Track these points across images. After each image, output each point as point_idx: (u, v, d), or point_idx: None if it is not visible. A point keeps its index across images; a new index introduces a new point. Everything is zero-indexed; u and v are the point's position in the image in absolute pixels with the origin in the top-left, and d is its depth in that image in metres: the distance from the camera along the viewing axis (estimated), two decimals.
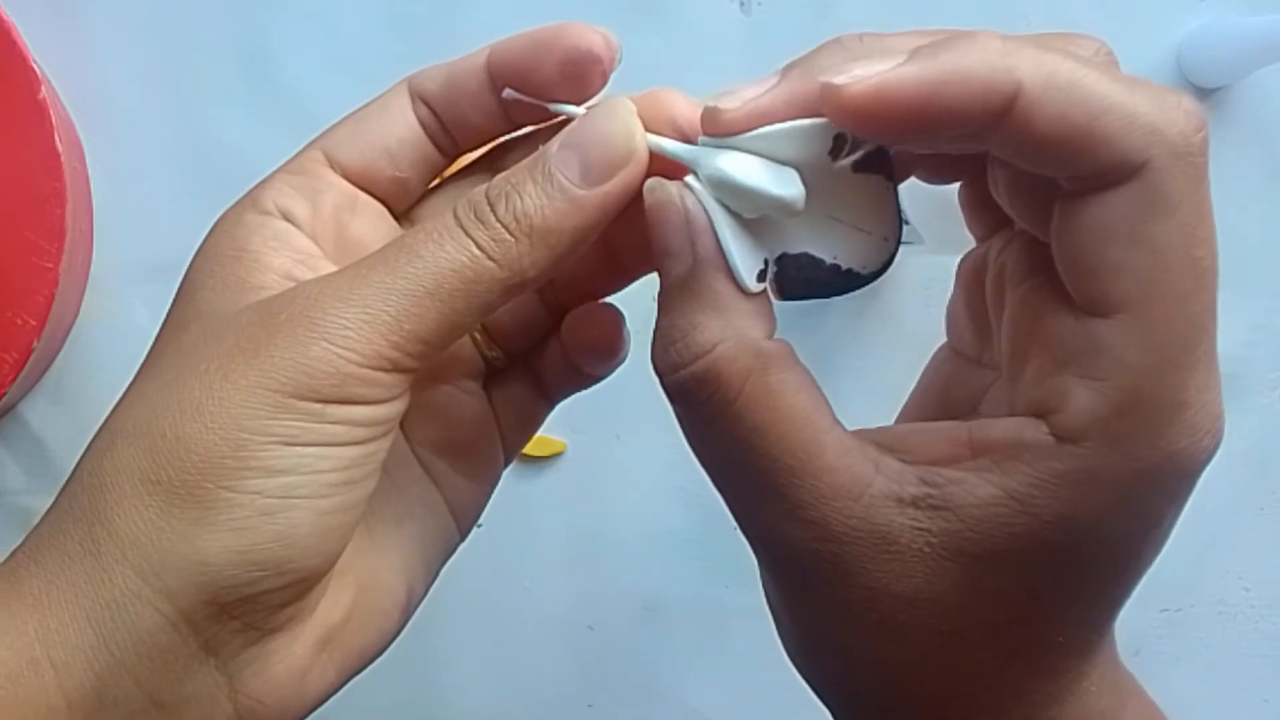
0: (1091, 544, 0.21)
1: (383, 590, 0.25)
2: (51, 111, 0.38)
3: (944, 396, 0.26)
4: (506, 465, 0.28)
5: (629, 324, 0.27)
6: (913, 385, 0.28)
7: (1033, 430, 0.21)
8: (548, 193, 0.22)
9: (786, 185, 0.21)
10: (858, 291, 0.23)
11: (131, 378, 0.23)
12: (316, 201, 0.24)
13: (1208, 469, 0.50)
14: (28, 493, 0.43)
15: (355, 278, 0.22)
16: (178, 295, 0.23)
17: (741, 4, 0.44)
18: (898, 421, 0.27)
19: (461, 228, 0.22)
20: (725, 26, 0.44)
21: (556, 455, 0.45)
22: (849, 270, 0.23)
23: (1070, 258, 0.21)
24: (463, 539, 0.28)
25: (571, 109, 0.23)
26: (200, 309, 0.23)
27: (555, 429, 0.44)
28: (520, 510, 0.45)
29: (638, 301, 0.27)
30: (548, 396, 0.28)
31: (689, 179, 0.22)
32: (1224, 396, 0.50)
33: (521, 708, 0.45)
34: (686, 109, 0.24)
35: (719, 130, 0.22)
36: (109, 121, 0.42)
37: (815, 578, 0.22)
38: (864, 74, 0.20)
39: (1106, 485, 0.21)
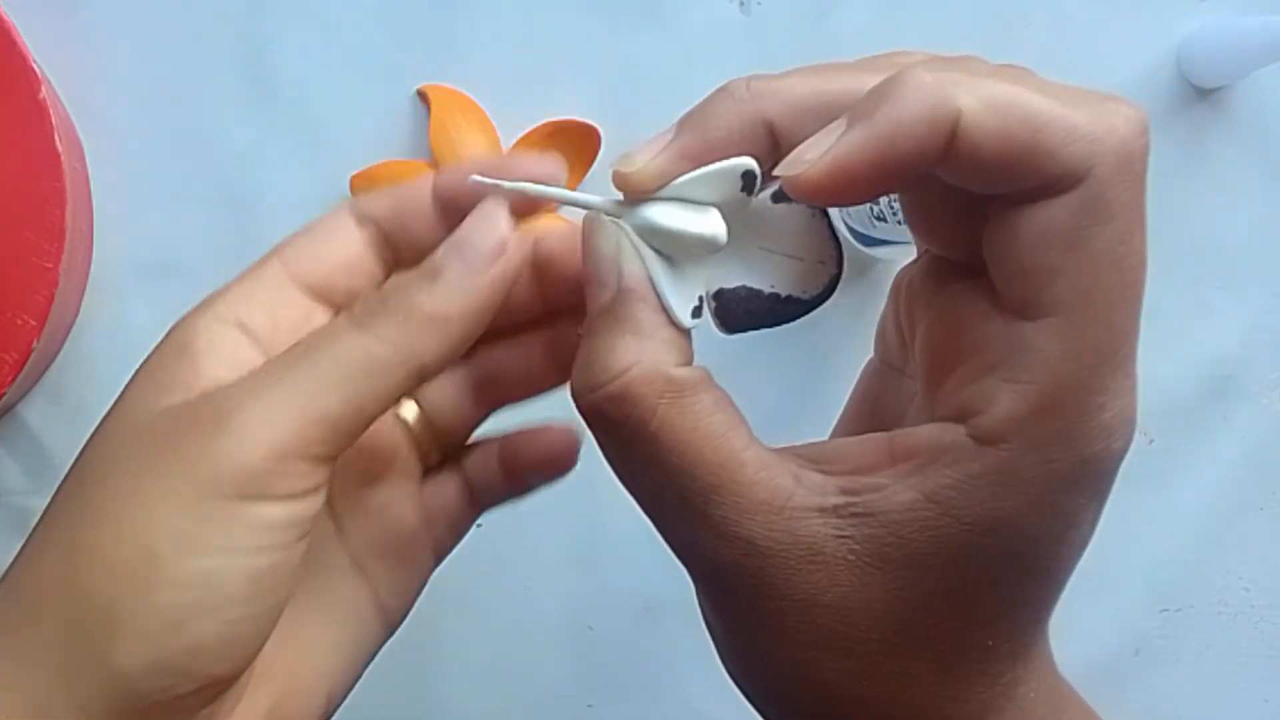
0: (1011, 543, 0.21)
1: (303, 694, 0.25)
2: (51, 111, 0.38)
3: (874, 410, 0.27)
4: (436, 566, 0.30)
5: None
6: None
7: (952, 434, 0.21)
8: (434, 283, 0.23)
9: (706, 224, 0.22)
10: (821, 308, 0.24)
11: (108, 405, 0.24)
12: (276, 314, 0.25)
13: (1207, 468, 0.50)
14: (28, 493, 0.43)
15: (263, 373, 0.22)
16: (120, 395, 0.24)
17: (741, 4, 0.44)
18: (831, 437, 0.27)
19: (356, 321, 0.23)
20: (725, 27, 0.44)
21: None
22: (789, 297, 0.24)
23: (1004, 263, 0.21)
24: (388, 637, 0.28)
25: (532, 188, 0.24)
26: (127, 410, 0.23)
27: None
28: (520, 510, 0.45)
29: None
30: (476, 504, 0.30)
31: (623, 221, 0.23)
32: (1224, 396, 0.50)
33: (521, 708, 0.45)
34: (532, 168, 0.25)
35: (630, 191, 0.23)
36: (109, 121, 0.43)
37: (744, 593, 0.22)
38: (815, 156, 0.21)
39: (1024, 485, 0.21)
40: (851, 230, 0.42)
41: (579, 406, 0.23)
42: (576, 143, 0.43)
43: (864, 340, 0.28)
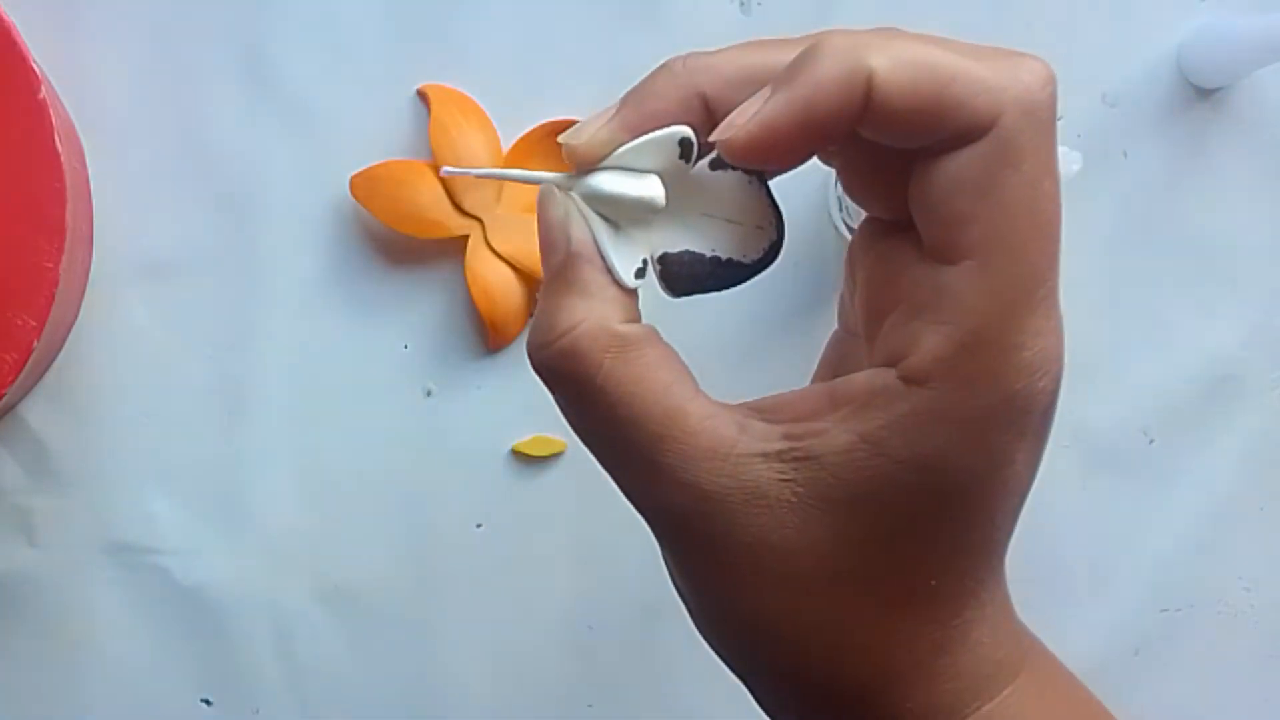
0: (942, 480, 0.22)
1: None
2: (51, 111, 0.38)
3: (833, 373, 0.28)
4: None
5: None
6: None
7: (883, 378, 0.23)
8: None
9: (645, 187, 0.24)
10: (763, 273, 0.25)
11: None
12: None
13: (1207, 468, 0.50)
14: (28, 493, 0.43)
15: None
16: None
17: (741, 4, 0.44)
18: None
19: None
20: (725, 27, 0.44)
21: (556, 455, 0.45)
22: (730, 260, 0.25)
23: (925, 210, 0.22)
24: None
25: (495, 172, 0.27)
26: None
27: (555, 429, 0.44)
28: (520, 510, 0.45)
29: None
30: None
31: (572, 192, 0.24)
32: (1224, 396, 0.50)
33: (521, 708, 0.45)
34: None
35: (577, 161, 0.24)
36: (109, 121, 0.42)
37: (697, 538, 0.24)
38: (743, 121, 0.22)
39: (951, 423, 0.22)
40: (849, 227, 0.42)
41: (533, 364, 0.24)
42: None
43: None
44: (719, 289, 0.25)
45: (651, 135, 0.23)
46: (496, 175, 0.26)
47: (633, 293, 0.24)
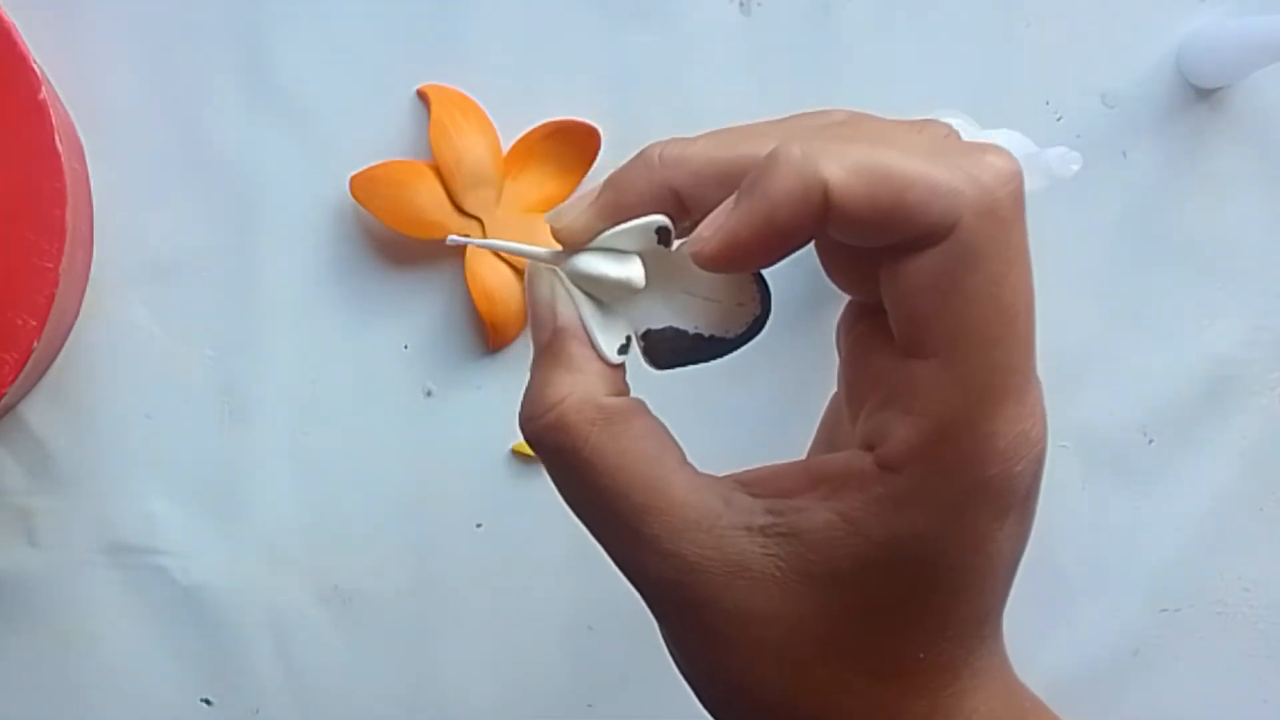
0: (919, 560, 0.23)
1: None
2: (51, 111, 0.38)
3: (830, 439, 0.29)
4: None
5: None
6: None
7: (860, 461, 0.23)
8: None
9: (626, 270, 0.25)
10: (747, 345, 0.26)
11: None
12: None
13: (1206, 468, 0.50)
14: (28, 493, 0.43)
15: None
16: None
17: (741, 4, 0.44)
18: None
19: None
20: (725, 27, 0.44)
21: None
22: (712, 337, 0.26)
23: (893, 305, 0.23)
24: None
25: (497, 244, 0.27)
26: None
27: None
28: (520, 510, 0.45)
29: None
30: None
31: (559, 269, 0.25)
32: (1224, 396, 0.50)
33: (521, 708, 0.45)
34: None
35: (563, 243, 0.25)
36: (109, 121, 0.43)
37: (685, 606, 0.24)
38: (710, 234, 0.23)
39: (926, 507, 0.22)
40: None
41: (524, 436, 0.25)
42: (576, 143, 0.43)
43: None
44: (702, 361, 0.26)
45: (631, 224, 0.24)
46: (495, 247, 0.27)
47: (618, 367, 0.25)
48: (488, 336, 0.44)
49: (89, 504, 0.43)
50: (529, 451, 0.44)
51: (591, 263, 0.25)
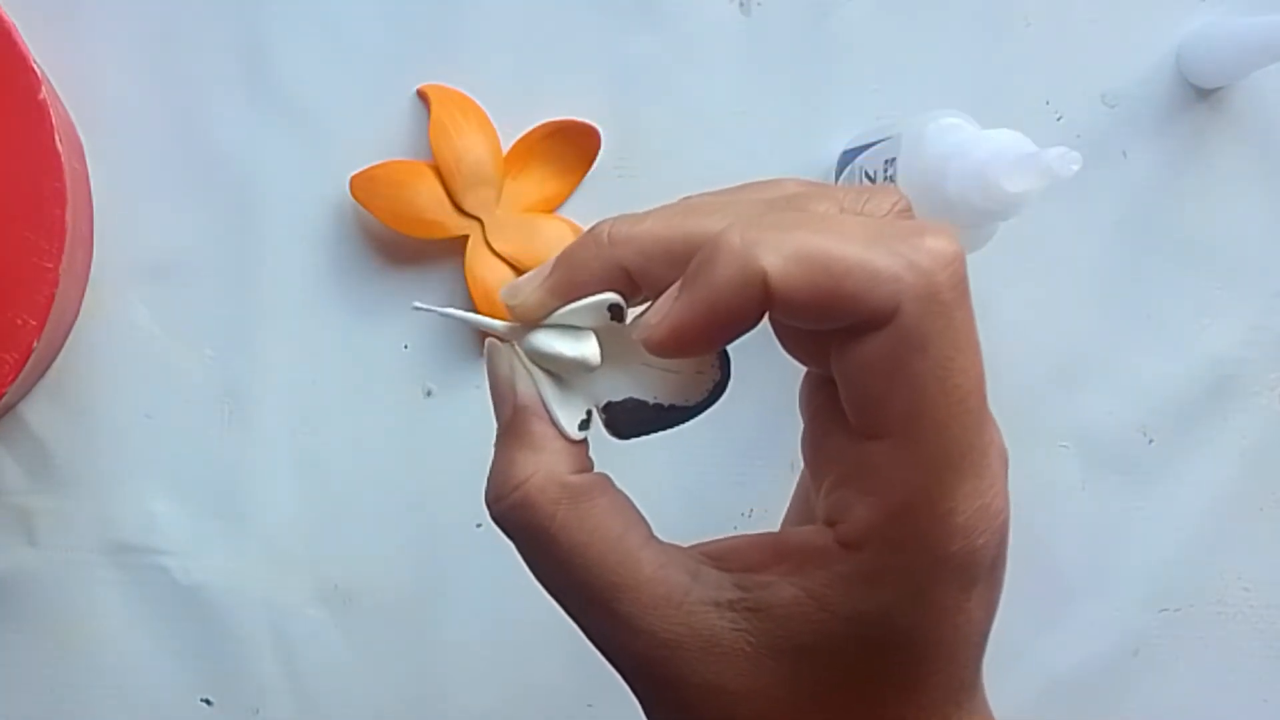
0: (886, 635, 0.23)
1: None
2: (51, 111, 0.38)
3: (800, 511, 0.28)
4: None
5: None
6: None
7: (822, 537, 0.23)
8: None
9: (581, 348, 0.25)
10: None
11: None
12: None
13: (1206, 468, 0.50)
14: (28, 493, 0.43)
15: None
16: None
17: (741, 4, 0.44)
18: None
19: None
20: (724, 27, 0.44)
21: None
22: (672, 406, 0.26)
23: (843, 386, 0.23)
24: None
25: (459, 314, 0.26)
26: None
27: None
28: None
29: None
30: None
31: (516, 345, 0.26)
32: (1224, 396, 0.50)
33: (521, 708, 0.45)
34: None
35: (519, 319, 0.25)
36: (109, 121, 0.43)
37: (659, 681, 0.24)
38: (656, 322, 0.23)
39: (888, 584, 0.22)
40: None
41: (491, 515, 0.25)
42: (576, 143, 0.43)
43: None
44: (664, 429, 0.26)
45: (583, 302, 0.24)
46: (457, 317, 0.27)
47: (581, 443, 0.25)
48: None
49: (89, 504, 0.43)
50: None
51: (547, 341, 0.25)
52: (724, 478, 0.45)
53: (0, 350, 0.38)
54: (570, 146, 0.43)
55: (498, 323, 0.26)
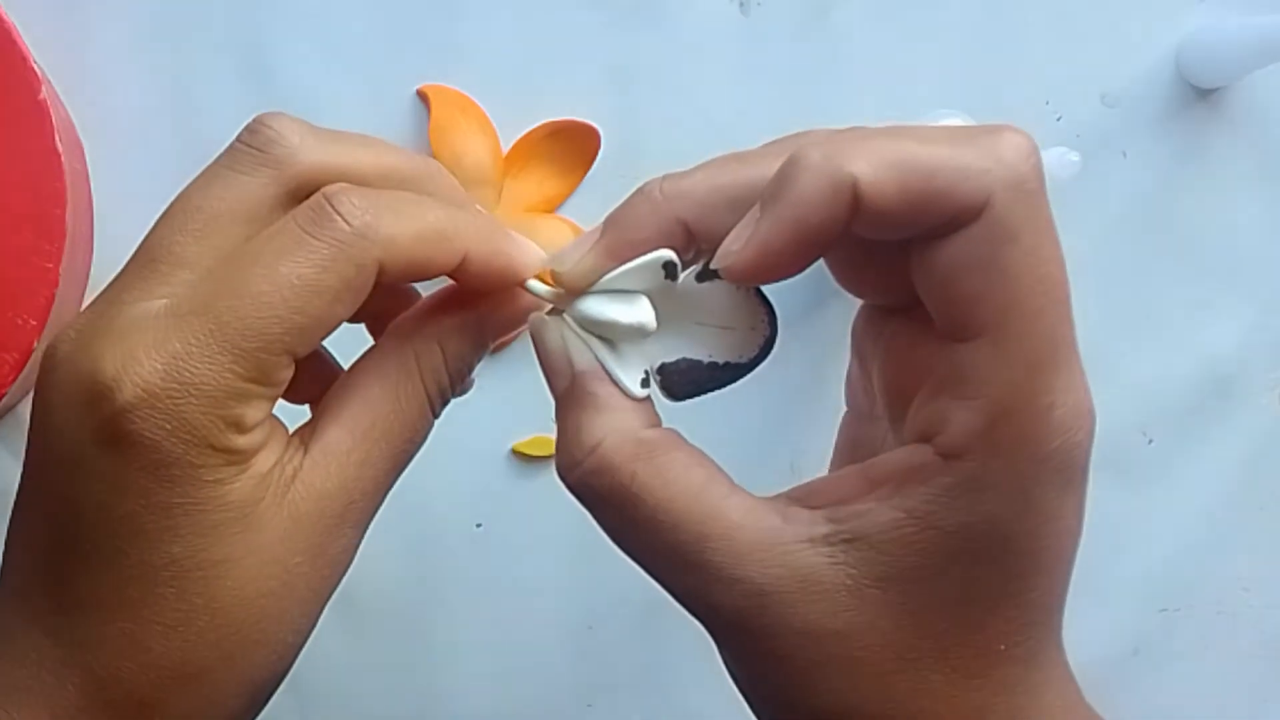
0: (995, 545, 0.22)
1: None
2: (51, 112, 0.38)
3: (853, 456, 0.28)
4: None
5: None
6: None
7: (920, 454, 0.23)
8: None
9: (636, 313, 0.24)
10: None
11: None
12: None
13: (1207, 468, 0.50)
14: None
15: None
16: None
17: (741, 4, 0.44)
18: None
19: None
20: (724, 27, 0.44)
21: None
22: (727, 364, 0.26)
23: (932, 293, 0.23)
24: None
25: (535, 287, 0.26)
26: None
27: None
28: (520, 510, 0.45)
29: None
30: None
31: (565, 314, 0.25)
32: (1224, 396, 0.50)
33: (521, 708, 0.45)
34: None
35: (567, 287, 0.25)
36: (109, 121, 0.43)
37: (755, 633, 0.23)
38: (740, 247, 0.23)
39: (995, 488, 0.22)
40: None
41: (567, 486, 0.25)
42: (576, 143, 0.43)
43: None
44: (718, 388, 0.26)
45: (637, 262, 0.24)
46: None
47: (646, 400, 0.25)
48: None
49: None
50: (529, 451, 0.44)
51: (600, 308, 0.24)
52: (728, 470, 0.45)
53: (0, 350, 0.38)
54: (570, 146, 0.43)
55: (543, 288, 0.25)
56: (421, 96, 0.43)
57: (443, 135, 0.42)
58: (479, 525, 0.45)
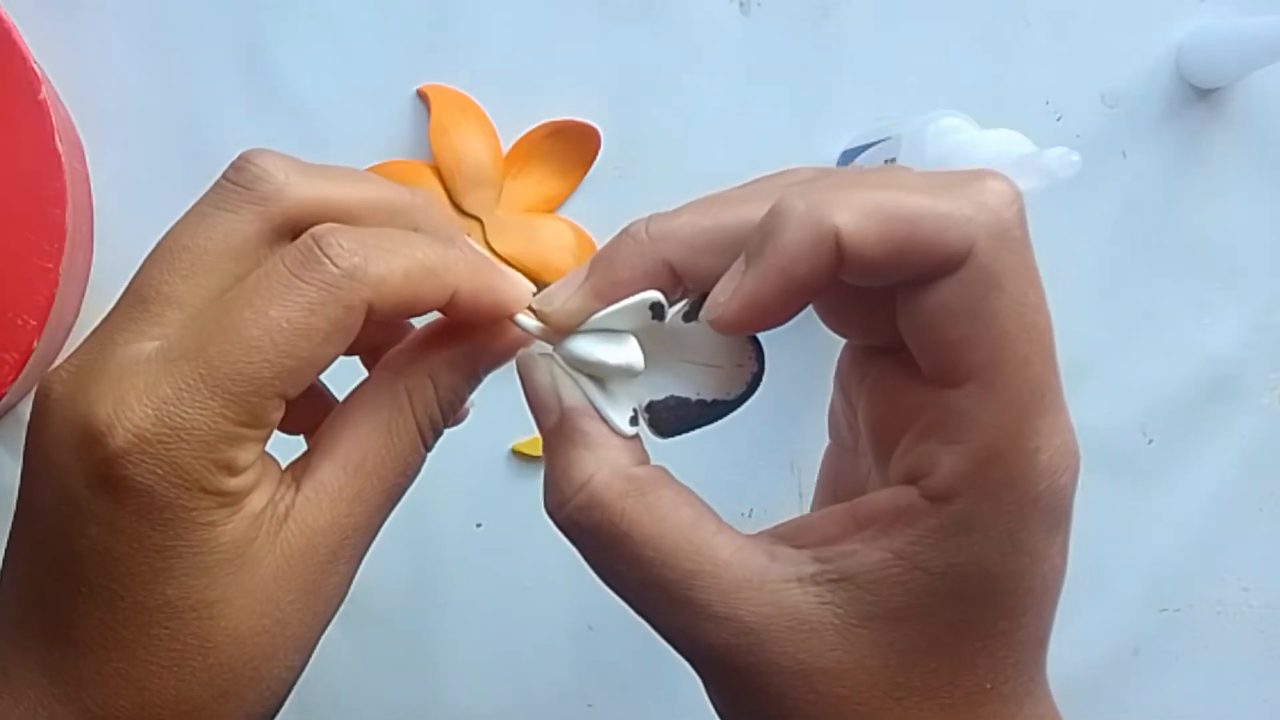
0: (981, 586, 0.23)
1: None
2: (51, 111, 0.38)
3: (835, 490, 0.28)
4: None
5: None
6: None
7: (907, 496, 0.23)
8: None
9: (624, 354, 0.24)
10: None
11: None
12: None
13: (1207, 468, 0.50)
14: None
15: None
16: None
17: (741, 4, 0.44)
18: None
19: None
20: (724, 27, 0.44)
21: None
22: (715, 401, 0.26)
23: (918, 338, 0.23)
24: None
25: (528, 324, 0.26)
26: None
27: None
28: (520, 510, 0.45)
29: None
30: None
31: (553, 350, 0.25)
32: (1224, 396, 0.50)
33: (521, 708, 0.45)
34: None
35: (555, 328, 0.25)
36: (109, 121, 0.43)
37: (743, 672, 0.23)
38: (726, 299, 0.23)
39: (982, 531, 0.22)
40: None
41: (556, 523, 0.25)
42: (576, 143, 0.43)
43: None
44: (706, 425, 0.26)
45: (625, 303, 0.24)
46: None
47: (635, 438, 0.25)
48: None
49: None
50: (529, 451, 0.44)
51: (588, 348, 0.24)
52: (724, 479, 0.45)
53: (0, 350, 0.38)
54: (570, 146, 0.43)
55: (533, 323, 0.25)
56: (421, 96, 0.43)
57: (443, 135, 0.42)
58: (479, 525, 0.45)
